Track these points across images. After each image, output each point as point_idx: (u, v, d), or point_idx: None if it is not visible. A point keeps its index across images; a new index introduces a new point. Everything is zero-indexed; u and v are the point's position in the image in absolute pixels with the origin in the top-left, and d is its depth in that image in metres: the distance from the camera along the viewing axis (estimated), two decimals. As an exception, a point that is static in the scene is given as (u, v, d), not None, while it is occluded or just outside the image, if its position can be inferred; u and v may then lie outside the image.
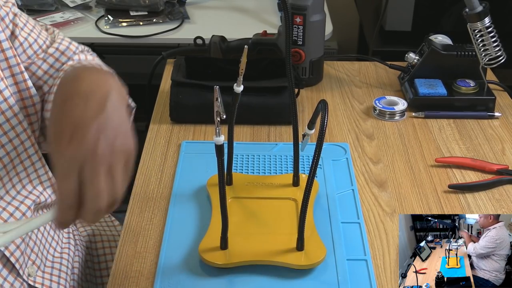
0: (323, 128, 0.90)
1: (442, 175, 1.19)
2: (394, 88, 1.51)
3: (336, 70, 1.60)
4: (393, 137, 1.31)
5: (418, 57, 1.46)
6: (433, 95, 1.40)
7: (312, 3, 1.44)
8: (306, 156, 1.21)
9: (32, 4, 2.00)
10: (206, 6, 2.12)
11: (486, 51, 1.35)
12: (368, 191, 1.15)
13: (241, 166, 1.21)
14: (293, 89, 1.06)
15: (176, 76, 1.36)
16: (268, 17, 2.01)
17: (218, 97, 0.87)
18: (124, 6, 2.01)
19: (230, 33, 1.59)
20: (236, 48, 1.51)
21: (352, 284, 0.94)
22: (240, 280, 0.95)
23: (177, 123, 1.35)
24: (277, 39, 1.50)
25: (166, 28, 1.91)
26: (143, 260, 0.99)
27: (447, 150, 1.27)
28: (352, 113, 1.41)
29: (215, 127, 0.88)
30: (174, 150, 1.26)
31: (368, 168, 1.21)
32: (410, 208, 1.11)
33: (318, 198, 1.10)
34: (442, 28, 1.96)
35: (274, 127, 1.34)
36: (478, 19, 1.32)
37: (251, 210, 1.06)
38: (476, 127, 1.35)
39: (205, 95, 1.31)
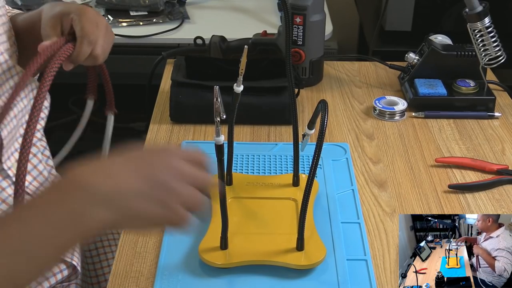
0: (323, 128, 0.90)
1: (442, 175, 1.19)
2: (394, 88, 1.51)
3: (336, 70, 1.60)
4: (393, 137, 1.31)
5: (418, 57, 1.46)
6: (433, 95, 1.40)
7: (312, 3, 1.44)
8: (306, 156, 1.21)
9: (32, 4, 1.99)
10: (206, 6, 2.12)
11: (486, 51, 1.35)
12: (368, 191, 1.15)
13: (241, 166, 1.21)
14: (293, 89, 1.06)
15: (176, 76, 1.36)
16: (268, 17, 2.01)
17: (218, 97, 0.87)
18: (124, 6, 2.01)
19: (230, 33, 1.59)
20: (236, 48, 1.51)
21: (352, 284, 0.94)
22: (240, 280, 0.95)
23: (177, 123, 1.35)
24: (277, 39, 1.50)
25: (166, 28, 1.91)
26: (143, 260, 0.99)
27: (447, 150, 1.27)
28: (352, 113, 1.41)
29: (215, 127, 0.89)
30: (174, 150, 1.26)
31: (368, 168, 1.21)
32: (410, 208, 1.11)
33: (318, 198, 1.10)
34: (442, 28, 1.96)
35: (274, 127, 1.34)
36: (478, 19, 1.32)
37: (251, 210, 1.06)
38: (476, 127, 1.35)
39: (205, 95, 1.31)
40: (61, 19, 0.98)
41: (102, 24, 1.01)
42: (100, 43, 0.99)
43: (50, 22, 0.98)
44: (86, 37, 0.96)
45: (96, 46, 0.98)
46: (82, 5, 1.01)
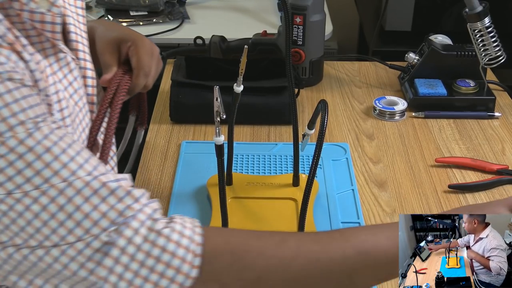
0: (323, 128, 0.90)
1: (442, 175, 1.19)
2: (394, 88, 1.51)
3: (336, 70, 1.60)
4: (393, 137, 1.31)
5: (418, 57, 1.46)
6: (433, 95, 1.40)
7: (312, 3, 1.44)
8: (306, 156, 1.21)
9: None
10: (206, 6, 2.12)
11: (486, 51, 1.35)
12: (368, 191, 1.15)
13: (241, 166, 1.21)
14: (293, 89, 1.06)
15: (176, 76, 1.36)
16: (268, 17, 2.01)
17: (218, 97, 0.87)
18: (124, 6, 2.01)
19: (230, 33, 1.59)
20: (236, 48, 1.51)
21: (352, 284, 0.94)
22: (240, 280, 0.94)
23: (177, 123, 1.35)
24: (277, 39, 1.50)
25: (166, 28, 1.91)
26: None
27: (447, 150, 1.27)
28: (352, 113, 1.41)
29: (215, 127, 0.89)
30: (174, 150, 1.26)
31: (368, 168, 1.21)
32: (410, 208, 1.11)
33: (318, 198, 1.10)
34: (442, 28, 1.96)
35: (274, 127, 1.34)
36: (478, 19, 1.32)
37: (251, 210, 1.06)
38: (476, 127, 1.35)
39: (205, 95, 1.31)
40: (119, 46, 0.99)
41: (156, 53, 1.02)
42: (153, 74, 1.00)
43: (108, 48, 0.98)
44: (142, 70, 0.97)
45: (149, 77, 1.00)
46: (138, 33, 1.03)
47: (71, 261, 0.66)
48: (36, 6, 0.73)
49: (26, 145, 0.64)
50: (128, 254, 0.66)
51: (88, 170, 0.66)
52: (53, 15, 0.75)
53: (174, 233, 0.67)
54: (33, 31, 0.75)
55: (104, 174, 0.67)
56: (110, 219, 0.66)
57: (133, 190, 0.68)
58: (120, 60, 0.99)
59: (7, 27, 0.68)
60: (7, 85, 0.64)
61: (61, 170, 0.65)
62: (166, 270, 0.66)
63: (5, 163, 0.63)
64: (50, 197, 0.64)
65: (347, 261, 0.70)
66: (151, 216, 0.68)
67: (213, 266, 0.68)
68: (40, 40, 0.76)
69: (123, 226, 0.66)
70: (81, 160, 0.67)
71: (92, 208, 0.65)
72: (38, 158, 0.64)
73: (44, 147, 0.64)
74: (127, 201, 0.67)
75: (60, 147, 0.65)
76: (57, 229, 0.65)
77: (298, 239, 0.72)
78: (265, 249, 0.70)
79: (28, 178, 0.64)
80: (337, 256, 0.70)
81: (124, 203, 0.67)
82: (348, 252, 0.71)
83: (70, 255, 0.65)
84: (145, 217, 0.67)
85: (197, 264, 0.67)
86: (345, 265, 0.70)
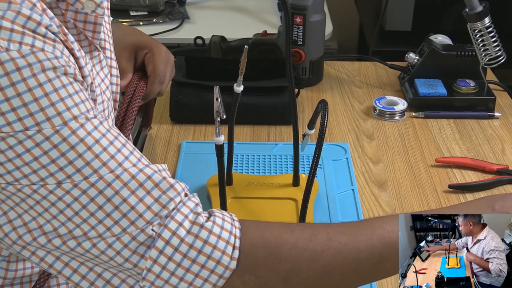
0: (323, 128, 0.90)
1: (442, 175, 1.19)
2: (394, 88, 1.51)
3: (336, 70, 1.60)
4: (393, 137, 1.31)
5: (418, 57, 1.46)
6: (433, 95, 1.40)
7: (312, 3, 1.44)
8: (306, 156, 1.21)
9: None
10: (206, 6, 2.12)
11: (486, 51, 1.35)
12: (368, 191, 1.15)
13: (241, 166, 1.21)
14: (293, 89, 1.06)
15: (176, 76, 1.36)
16: (268, 17, 2.01)
17: (218, 97, 0.87)
18: (124, 6, 2.01)
19: (230, 33, 1.59)
20: (236, 48, 1.51)
21: (352, 284, 0.94)
22: (240, 280, 0.94)
23: (177, 123, 1.35)
24: (277, 39, 1.50)
25: (166, 28, 1.91)
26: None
27: (447, 150, 1.27)
28: (352, 113, 1.41)
29: (215, 127, 0.89)
30: (174, 150, 1.26)
31: (368, 168, 1.21)
32: (410, 208, 1.11)
33: (318, 198, 1.10)
34: (442, 28, 1.96)
35: (274, 127, 1.34)
36: (478, 19, 1.32)
37: (251, 210, 1.06)
38: (476, 127, 1.35)
39: (205, 95, 1.31)
40: (135, 52, 1.00)
41: (171, 61, 1.04)
42: (167, 81, 1.03)
43: (125, 53, 1.00)
44: (158, 77, 0.99)
45: (163, 84, 1.02)
46: (154, 40, 1.03)
47: (117, 255, 0.68)
48: (81, 6, 0.74)
49: (78, 136, 0.66)
50: (172, 246, 0.68)
51: (133, 162, 0.69)
52: (97, 15, 0.76)
53: (215, 227, 0.70)
54: (74, 29, 0.77)
55: (148, 166, 0.70)
56: (154, 211, 0.68)
57: (175, 184, 0.70)
58: (136, 65, 1.00)
59: (58, 24, 0.70)
60: (62, 80, 0.66)
61: (109, 161, 0.67)
62: (208, 261, 0.69)
63: (57, 153, 0.65)
64: (98, 189, 0.67)
65: (373, 252, 0.72)
66: (193, 210, 0.70)
67: (250, 259, 0.70)
68: (79, 39, 0.78)
69: (168, 219, 0.69)
70: (127, 152, 0.69)
71: (138, 200, 0.68)
72: (89, 149, 0.66)
73: (93, 138, 0.67)
74: (170, 194, 0.70)
75: (108, 139, 0.68)
76: (103, 220, 0.67)
77: (328, 232, 0.74)
78: (297, 242, 0.72)
79: (79, 169, 0.66)
80: (364, 247, 0.72)
81: (168, 196, 0.69)
82: (375, 243, 0.73)
83: (116, 248, 0.68)
84: (188, 210, 0.70)
85: (236, 256, 0.69)
86: (372, 255, 0.72)
